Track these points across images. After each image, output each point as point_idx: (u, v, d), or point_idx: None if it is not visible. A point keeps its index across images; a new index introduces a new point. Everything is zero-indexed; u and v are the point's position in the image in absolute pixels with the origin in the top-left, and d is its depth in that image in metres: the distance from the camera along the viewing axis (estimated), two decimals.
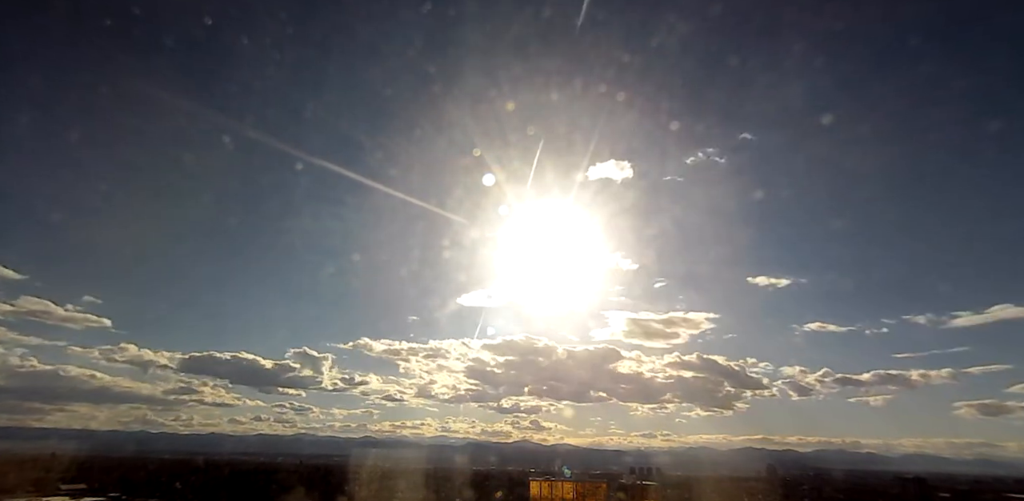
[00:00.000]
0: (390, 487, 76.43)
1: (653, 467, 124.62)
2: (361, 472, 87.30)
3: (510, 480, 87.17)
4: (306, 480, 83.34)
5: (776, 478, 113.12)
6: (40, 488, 72.18)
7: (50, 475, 78.95)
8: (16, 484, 70.33)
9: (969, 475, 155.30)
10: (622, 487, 78.18)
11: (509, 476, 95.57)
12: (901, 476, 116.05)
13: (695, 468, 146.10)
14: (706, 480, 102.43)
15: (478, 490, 77.82)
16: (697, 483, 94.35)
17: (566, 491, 66.72)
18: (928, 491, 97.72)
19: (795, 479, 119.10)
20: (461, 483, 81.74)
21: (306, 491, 73.74)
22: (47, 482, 75.92)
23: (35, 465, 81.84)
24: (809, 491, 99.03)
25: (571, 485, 67.66)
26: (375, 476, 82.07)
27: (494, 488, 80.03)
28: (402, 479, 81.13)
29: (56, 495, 71.98)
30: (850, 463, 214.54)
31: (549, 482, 69.08)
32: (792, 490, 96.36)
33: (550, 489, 67.21)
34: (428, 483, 79.94)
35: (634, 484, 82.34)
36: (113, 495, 75.33)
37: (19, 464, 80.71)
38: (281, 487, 75.47)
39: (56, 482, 77.98)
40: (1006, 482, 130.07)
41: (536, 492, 67.82)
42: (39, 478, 75.33)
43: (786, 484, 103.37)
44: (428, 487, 77.77)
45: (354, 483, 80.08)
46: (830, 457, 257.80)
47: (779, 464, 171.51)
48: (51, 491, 73.16)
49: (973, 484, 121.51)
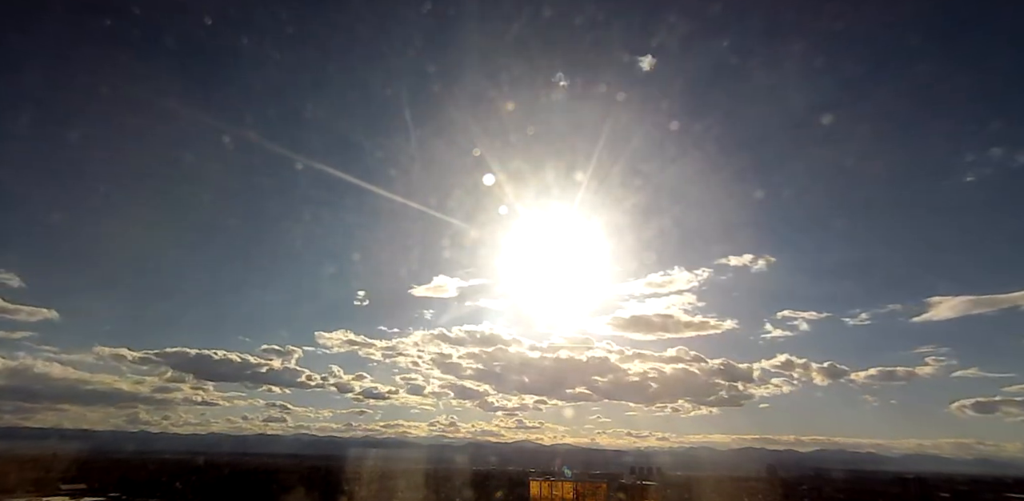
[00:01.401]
0: (390, 487, 76.45)
1: (653, 467, 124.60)
2: (361, 472, 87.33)
3: (510, 480, 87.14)
4: (306, 480, 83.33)
5: (776, 478, 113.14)
6: (40, 488, 72.13)
7: (50, 475, 78.90)
8: (16, 484, 70.30)
9: (969, 475, 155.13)
10: (622, 487, 78.11)
11: (509, 476, 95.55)
12: (901, 476, 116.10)
13: (695, 468, 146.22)
14: (706, 480, 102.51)
15: (478, 490, 77.76)
16: (697, 483, 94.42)
17: (566, 491, 66.80)
18: (928, 491, 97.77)
19: (795, 479, 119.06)
20: (461, 483, 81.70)
21: (306, 491, 73.74)
22: (47, 482, 75.88)
23: (35, 465, 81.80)
24: (809, 491, 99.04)
25: (571, 485, 67.74)
26: (375, 476, 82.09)
27: (494, 488, 79.98)
28: (402, 479, 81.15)
29: (56, 495, 71.95)
30: (850, 463, 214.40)
31: (549, 482, 69.19)
32: (792, 490, 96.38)
33: (550, 489, 67.30)
34: (428, 483, 79.93)
35: (634, 484, 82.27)
36: (113, 495, 75.32)
37: (19, 464, 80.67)
38: (281, 487, 75.47)
39: (56, 482, 77.94)
40: (1006, 482, 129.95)
41: (536, 492, 67.91)
42: (39, 478, 75.28)
43: (786, 484, 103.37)
44: (428, 487, 77.75)
45: (354, 483, 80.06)
46: (830, 457, 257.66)
47: (779, 464, 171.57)
48: (51, 491, 73.11)
49: (973, 484, 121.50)
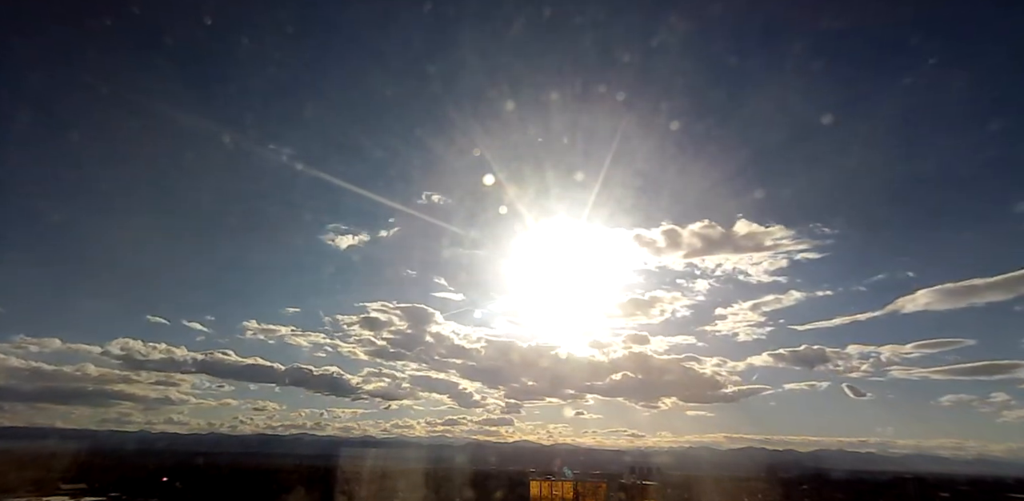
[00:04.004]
0: (390, 487, 76.44)
1: (653, 467, 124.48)
2: (361, 472, 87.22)
3: (510, 480, 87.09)
4: (306, 480, 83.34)
5: (776, 478, 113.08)
6: (40, 488, 72.12)
7: (50, 475, 78.87)
8: (16, 484, 70.32)
9: (969, 475, 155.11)
10: (622, 487, 78.08)
11: (509, 476, 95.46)
12: (901, 476, 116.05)
13: (695, 468, 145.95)
14: (706, 480, 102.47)
15: (478, 490, 77.78)
16: (697, 483, 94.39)
17: (566, 491, 66.83)
18: (928, 491, 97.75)
19: (795, 479, 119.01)
20: (461, 483, 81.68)
21: (306, 491, 73.73)
22: (47, 482, 75.86)
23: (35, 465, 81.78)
24: (809, 491, 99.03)
25: (571, 485, 67.76)
26: (375, 476, 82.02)
27: (494, 488, 79.97)
28: (402, 479, 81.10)
29: (56, 495, 71.96)
30: (850, 463, 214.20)
31: (549, 482, 69.21)
32: (792, 490, 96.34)
33: (550, 489, 67.33)
34: (428, 483, 79.87)
35: (634, 484, 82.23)
36: (113, 495, 75.37)
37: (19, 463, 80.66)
38: (281, 487, 75.49)
39: (56, 482, 77.91)
40: (1006, 482, 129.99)
41: (536, 492, 67.95)
42: (39, 478, 75.27)
43: (786, 484, 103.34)
44: (428, 487, 77.72)
45: (354, 483, 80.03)
46: (830, 457, 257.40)
47: (779, 464, 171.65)
48: (51, 491, 73.11)
49: (973, 484, 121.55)
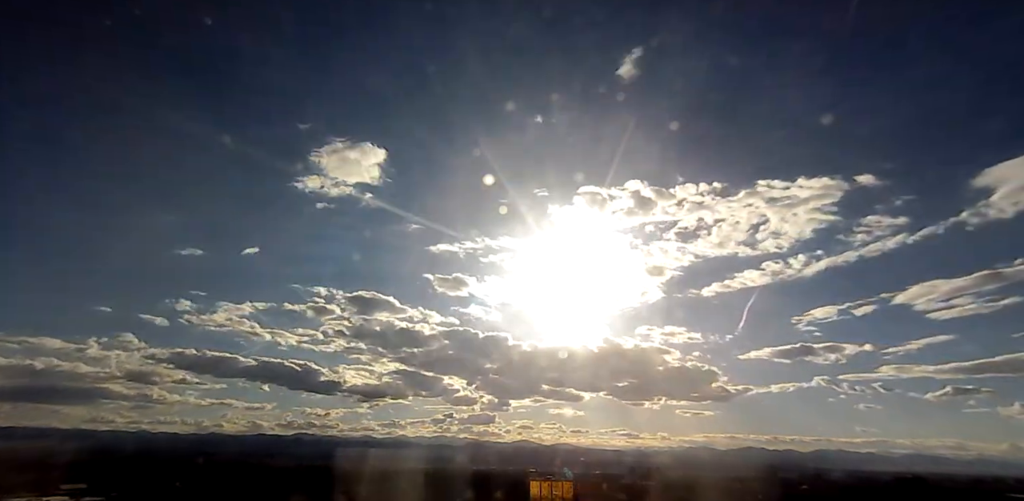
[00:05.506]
0: (389, 487, 76.45)
1: (653, 467, 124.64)
2: (361, 472, 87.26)
3: (510, 480, 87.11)
4: (306, 480, 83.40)
5: (776, 478, 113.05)
6: (40, 488, 72.08)
7: (50, 475, 78.84)
8: (16, 483, 70.27)
9: (969, 475, 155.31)
10: (622, 487, 78.15)
11: (509, 476, 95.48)
12: (901, 476, 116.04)
13: (695, 468, 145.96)
14: (706, 480, 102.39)
15: (478, 490, 77.80)
16: (697, 483, 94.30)
17: (566, 491, 66.72)
18: (928, 491, 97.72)
19: (795, 479, 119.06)
20: (461, 483, 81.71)
21: (306, 491, 73.76)
22: (47, 482, 75.82)
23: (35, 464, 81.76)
24: (809, 491, 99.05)
25: (571, 485, 67.66)
26: (375, 476, 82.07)
27: (494, 488, 79.99)
28: (402, 479, 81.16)
29: (56, 495, 71.90)
30: (850, 463, 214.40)
31: (549, 482, 69.08)
32: (792, 490, 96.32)
33: (550, 489, 67.23)
34: (428, 483, 79.91)
35: (634, 484, 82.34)
36: (113, 495, 75.29)
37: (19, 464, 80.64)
38: (281, 487, 75.50)
39: (56, 482, 77.87)
40: (1006, 482, 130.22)
41: (536, 492, 67.82)
42: (39, 477, 75.23)
43: (786, 484, 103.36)
44: (428, 487, 77.76)
45: (353, 483, 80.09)
46: (830, 457, 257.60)
47: (779, 464, 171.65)
48: (51, 491, 73.06)
49: (973, 484, 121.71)
